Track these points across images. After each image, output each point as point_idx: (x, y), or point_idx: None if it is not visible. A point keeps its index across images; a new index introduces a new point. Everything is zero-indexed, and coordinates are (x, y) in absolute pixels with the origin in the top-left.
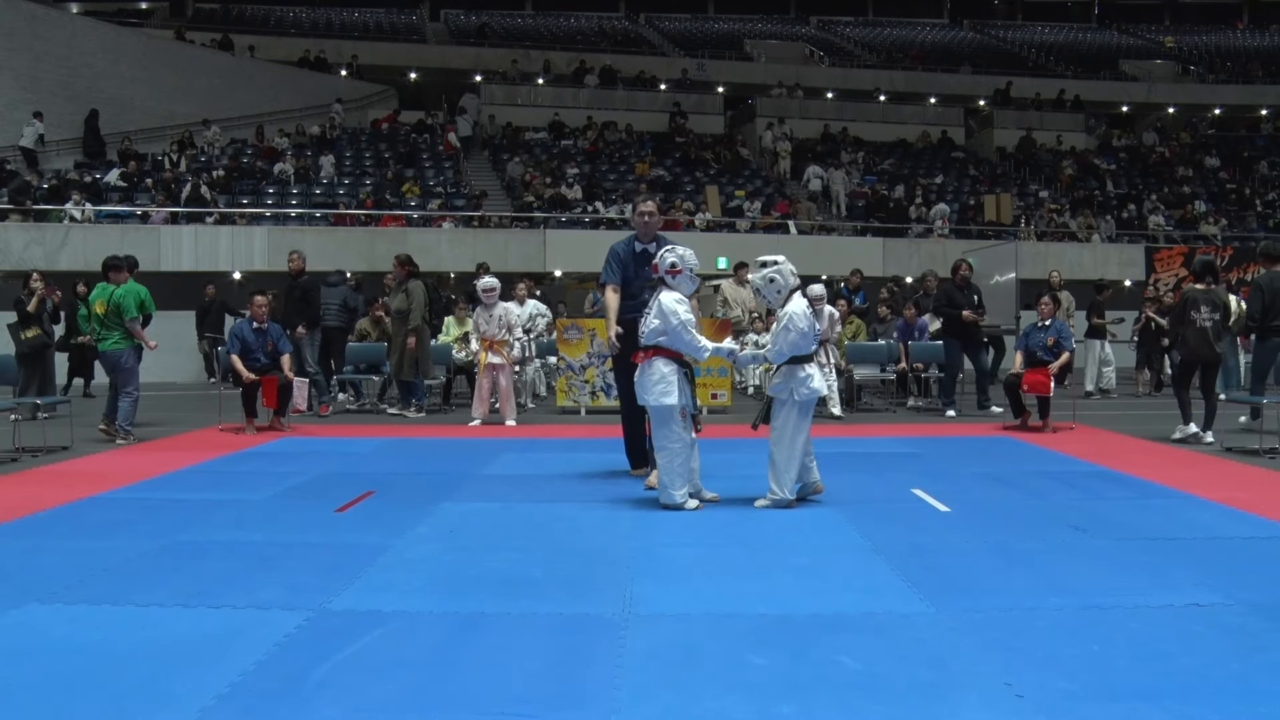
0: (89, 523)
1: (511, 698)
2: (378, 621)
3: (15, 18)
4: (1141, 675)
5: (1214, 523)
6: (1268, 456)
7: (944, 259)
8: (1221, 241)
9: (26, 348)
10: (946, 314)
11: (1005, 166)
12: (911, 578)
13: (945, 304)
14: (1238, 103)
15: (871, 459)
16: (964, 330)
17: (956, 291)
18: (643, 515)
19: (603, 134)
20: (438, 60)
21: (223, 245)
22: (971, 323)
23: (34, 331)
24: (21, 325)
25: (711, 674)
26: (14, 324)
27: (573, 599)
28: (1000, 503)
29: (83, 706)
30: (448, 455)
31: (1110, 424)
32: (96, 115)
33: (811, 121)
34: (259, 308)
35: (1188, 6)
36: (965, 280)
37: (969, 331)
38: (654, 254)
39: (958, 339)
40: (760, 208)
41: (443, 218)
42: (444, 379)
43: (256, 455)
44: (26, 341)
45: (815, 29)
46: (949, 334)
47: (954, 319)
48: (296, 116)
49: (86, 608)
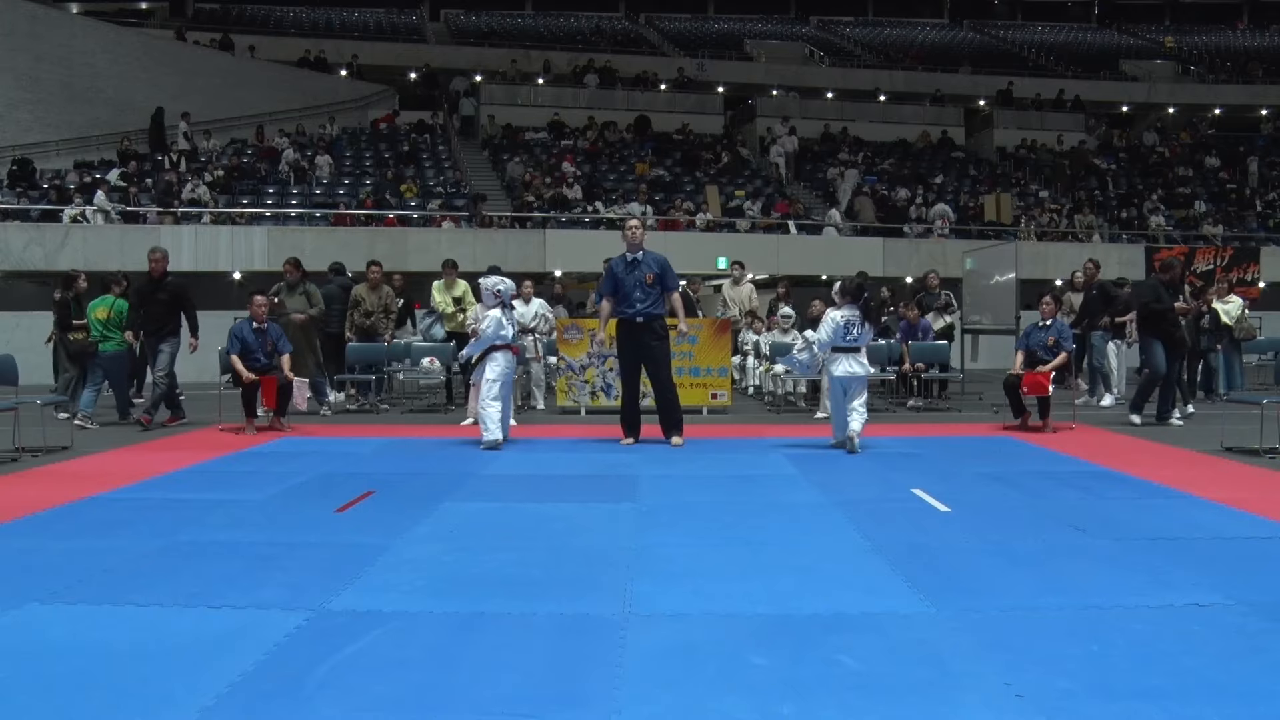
0: (89, 523)
1: (512, 698)
2: (378, 621)
3: (15, 18)
4: (1141, 675)
5: (1214, 523)
6: (1268, 456)
7: (944, 259)
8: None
9: (75, 348)
10: (1152, 310)
11: (1005, 166)
12: (911, 578)
13: (1153, 300)
14: (1238, 103)
15: (871, 459)
16: (1167, 332)
17: (1163, 289)
18: (643, 515)
19: (603, 134)
20: (438, 60)
21: (222, 245)
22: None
23: (82, 335)
24: (64, 327)
25: (711, 674)
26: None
27: (573, 599)
28: (1000, 503)
29: (83, 706)
30: (448, 455)
31: (1110, 424)
32: (162, 112)
33: (811, 121)
34: (259, 308)
35: (1188, 6)
36: (1175, 279)
37: (1172, 333)
38: (642, 260)
39: (1159, 339)
40: (760, 208)
41: (443, 218)
42: (444, 379)
43: (256, 455)
44: (76, 343)
45: (815, 29)
46: (1150, 333)
47: (1157, 317)
48: (296, 116)
49: (86, 608)
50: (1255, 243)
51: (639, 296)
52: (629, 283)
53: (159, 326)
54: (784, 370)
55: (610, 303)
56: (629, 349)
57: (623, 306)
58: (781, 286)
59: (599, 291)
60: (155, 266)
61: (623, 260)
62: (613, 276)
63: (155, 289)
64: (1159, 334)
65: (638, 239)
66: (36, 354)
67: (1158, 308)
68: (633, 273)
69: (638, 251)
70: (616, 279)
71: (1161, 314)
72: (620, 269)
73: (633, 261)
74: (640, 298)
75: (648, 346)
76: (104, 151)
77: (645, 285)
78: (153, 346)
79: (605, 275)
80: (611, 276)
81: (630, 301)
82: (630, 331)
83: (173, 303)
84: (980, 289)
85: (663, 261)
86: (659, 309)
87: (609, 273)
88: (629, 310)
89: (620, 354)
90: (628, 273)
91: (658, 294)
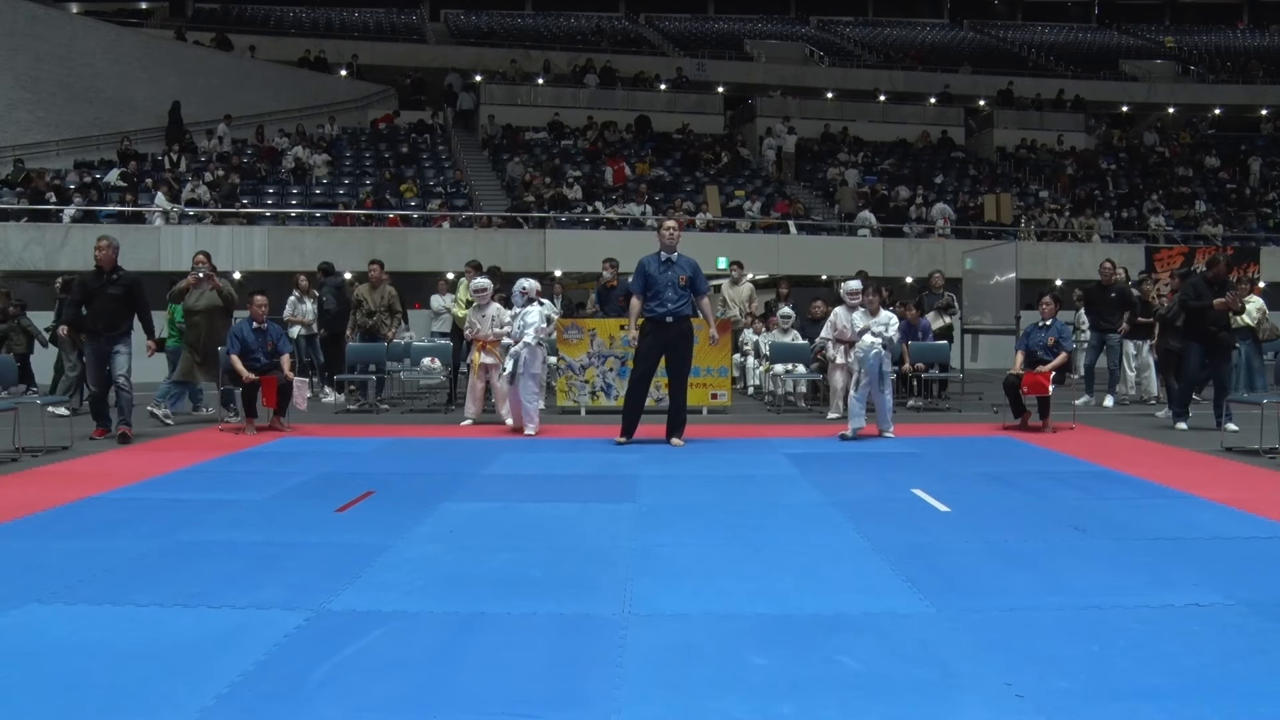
0: (89, 523)
1: (511, 698)
2: (378, 621)
3: (15, 18)
4: (1141, 675)
5: (1214, 523)
6: (1268, 456)
7: (944, 259)
8: (1221, 241)
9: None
10: (1193, 308)
11: (1005, 166)
12: (911, 578)
13: (1193, 298)
14: (1238, 103)
15: (871, 459)
16: (1208, 333)
17: (1206, 287)
18: (643, 515)
19: (603, 134)
20: (438, 60)
21: (223, 245)
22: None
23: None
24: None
25: (711, 674)
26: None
27: (573, 599)
28: (1000, 503)
29: (83, 706)
30: (448, 455)
31: (1110, 424)
32: (179, 106)
33: (811, 121)
34: (258, 308)
35: (1188, 6)
36: (1220, 275)
37: (1214, 335)
38: (676, 261)
39: (1199, 341)
40: (760, 208)
41: (442, 218)
42: (445, 378)
43: (256, 455)
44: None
45: (815, 29)
46: (1190, 335)
47: (1198, 318)
48: (296, 116)
49: (86, 608)
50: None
51: (671, 296)
52: (662, 281)
53: (111, 325)
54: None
55: (640, 300)
56: (655, 347)
57: (653, 304)
58: (783, 286)
59: (630, 287)
60: (102, 256)
61: (656, 259)
62: (645, 274)
63: (104, 283)
64: (1199, 335)
65: (675, 240)
66: (37, 354)
67: (1195, 305)
68: (666, 272)
69: (673, 253)
70: (649, 276)
71: (1200, 312)
72: (654, 267)
73: (666, 261)
74: (672, 297)
75: (674, 346)
76: (104, 151)
77: (678, 286)
78: (102, 349)
79: (637, 272)
80: (644, 274)
81: (662, 300)
82: (659, 330)
83: (125, 298)
84: (980, 289)
85: (695, 265)
86: (688, 310)
87: (641, 270)
88: (660, 309)
89: (641, 352)
90: (661, 272)
91: (688, 296)
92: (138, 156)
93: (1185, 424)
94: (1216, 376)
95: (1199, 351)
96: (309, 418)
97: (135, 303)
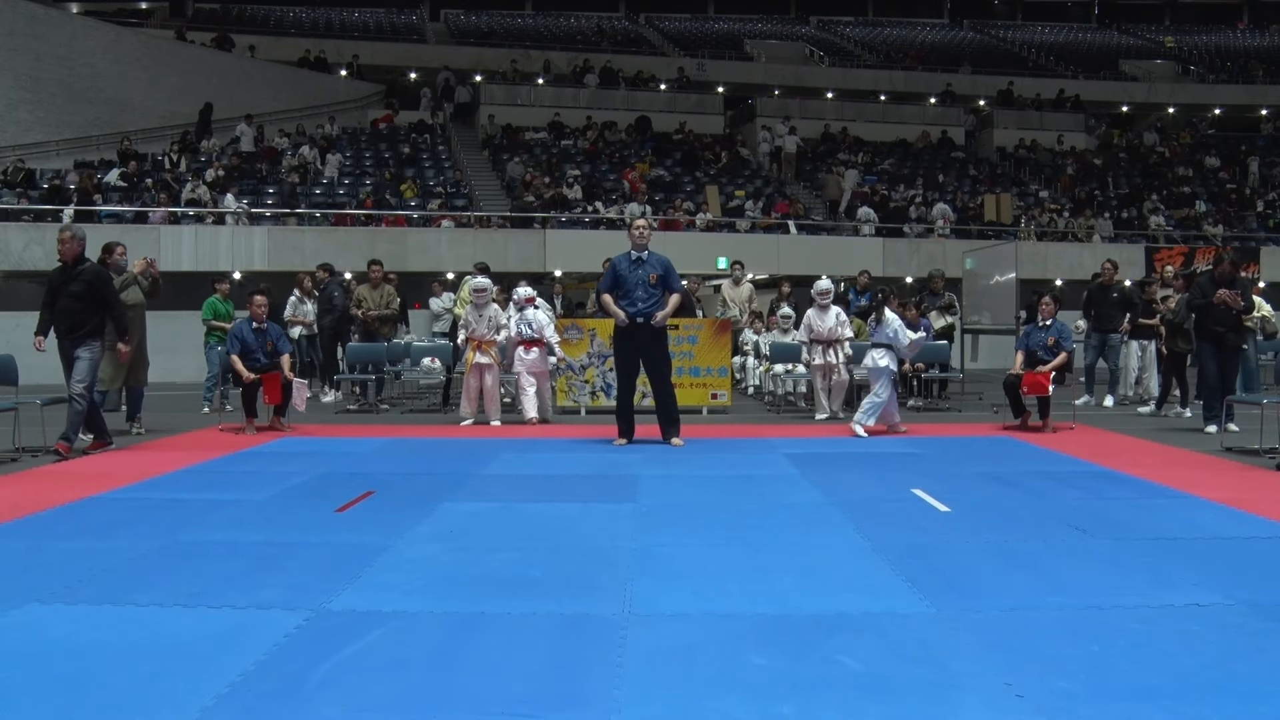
0: (89, 523)
1: (511, 698)
2: (378, 621)
3: (15, 18)
4: (1141, 675)
5: (1214, 523)
6: (1268, 456)
7: (944, 259)
8: (1221, 241)
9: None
10: (1199, 306)
11: (1005, 166)
12: (911, 578)
13: (1199, 297)
14: (1238, 103)
15: (871, 459)
16: (1214, 332)
17: (1213, 287)
18: (643, 515)
19: (603, 134)
20: (438, 60)
21: (223, 245)
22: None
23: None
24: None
25: (711, 674)
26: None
27: (573, 599)
28: (1000, 503)
29: (83, 706)
30: (447, 455)
31: (1110, 424)
32: (210, 108)
33: (811, 121)
34: (258, 308)
35: (1188, 6)
36: (1225, 273)
37: (1220, 335)
38: (646, 260)
39: (1209, 341)
40: (760, 208)
41: (442, 218)
42: (443, 378)
43: (256, 455)
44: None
45: (815, 29)
46: (1200, 335)
47: (1202, 314)
48: (296, 116)
49: (86, 608)
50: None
51: (640, 295)
52: (631, 280)
53: (73, 326)
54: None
55: (610, 299)
56: (627, 347)
57: (623, 304)
58: (785, 286)
59: (599, 288)
60: (64, 250)
61: (627, 258)
62: (615, 273)
63: (66, 279)
64: (1207, 335)
65: (645, 239)
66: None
67: (1199, 303)
68: (636, 271)
69: (643, 251)
70: (618, 275)
71: (1205, 310)
72: (624, 266)
73: (637, 260)
74: (642, 296)
75: (646, 346)
76: (104, 151)
77: (648, 285)
78: (67, 352)
79: (607, 271)
80: (614, 273)
81: (631, 300)
82: (629, 329)
83: (89, 295)
84: (980, 289)
85: (666, 263)
86: (660, 309)
87: (611, 269)
88: (630, 309)
89: (617, 352)
90: (631, 270)
91: (659, 295)
92: (138, 156)
93: (1215, 426)
94: (1221, 375)
95: (1211, 351)
96: (309, 418)
97: (101, 301)
